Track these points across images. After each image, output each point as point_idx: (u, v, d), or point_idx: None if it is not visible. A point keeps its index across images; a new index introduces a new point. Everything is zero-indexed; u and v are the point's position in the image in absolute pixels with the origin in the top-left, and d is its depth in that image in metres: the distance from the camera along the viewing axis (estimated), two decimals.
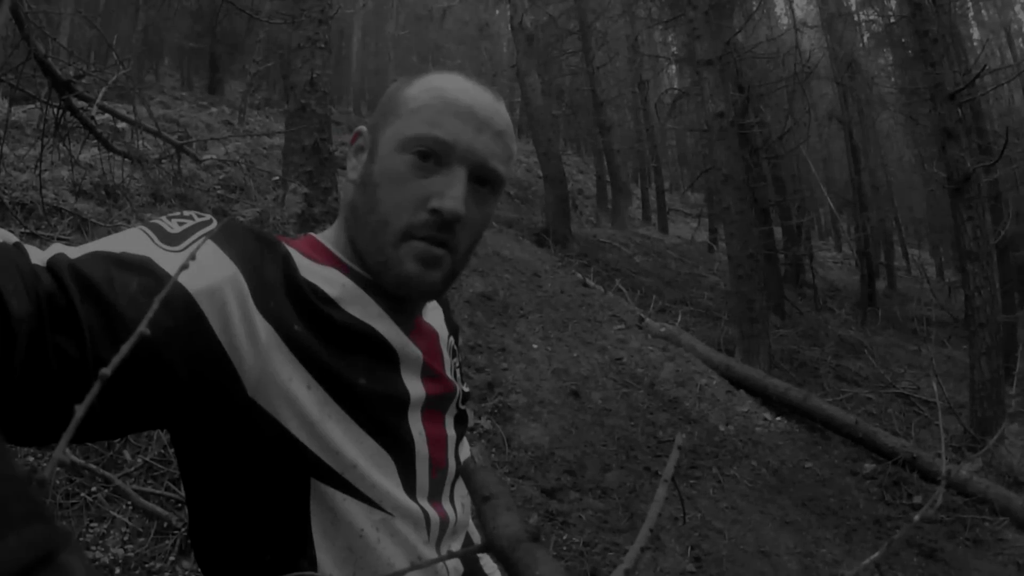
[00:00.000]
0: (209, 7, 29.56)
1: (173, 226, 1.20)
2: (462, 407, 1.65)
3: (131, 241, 1.13)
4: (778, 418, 9.67)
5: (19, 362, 0.89)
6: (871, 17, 29.75)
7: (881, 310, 21.33)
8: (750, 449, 8.74)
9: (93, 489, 4.95)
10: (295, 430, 1.22)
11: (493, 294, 11.60)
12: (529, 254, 15.32)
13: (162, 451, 5.46)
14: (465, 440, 1.68)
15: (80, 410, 0.57)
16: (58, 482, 4.84)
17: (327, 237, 1.50)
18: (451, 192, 1.35)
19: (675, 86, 32.12)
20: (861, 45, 30.34)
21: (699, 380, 10.17)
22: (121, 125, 9.20)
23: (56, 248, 1.05)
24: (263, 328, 1.20)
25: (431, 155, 1.36)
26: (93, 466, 4.99)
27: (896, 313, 21.04)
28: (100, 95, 5.88)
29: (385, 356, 1.40)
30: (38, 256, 1.00)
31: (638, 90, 30.99)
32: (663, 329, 11.72)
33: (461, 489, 1.57)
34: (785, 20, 34.16)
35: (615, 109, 33.07)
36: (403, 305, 1.47)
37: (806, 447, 9.09)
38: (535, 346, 10.37)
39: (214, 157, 12.81)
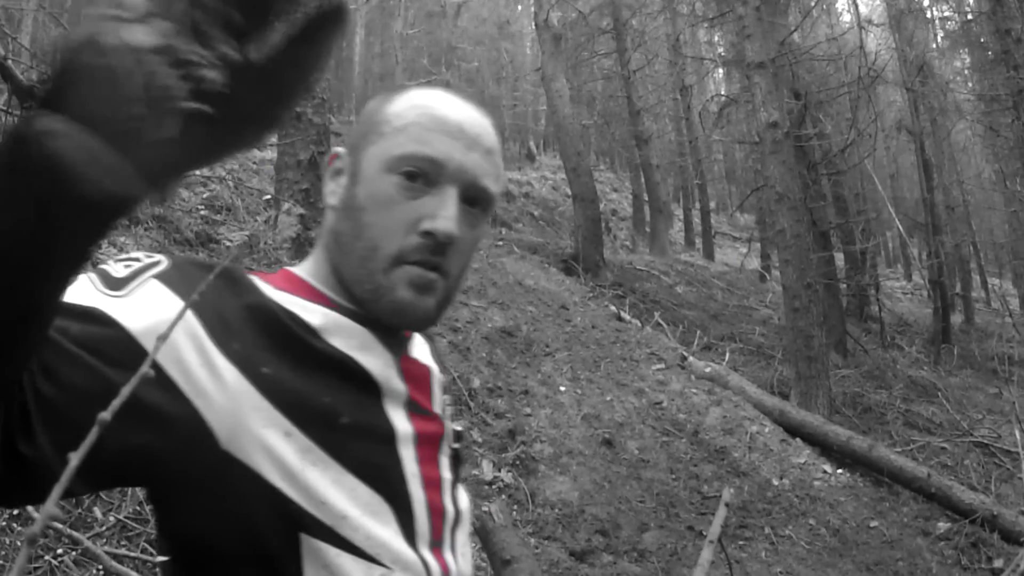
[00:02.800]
0: None
1: (119, 270, 1.25)
2: (455, 446, 1.67)
3: (75, 289, 1.16)
4: (839, 471, 9.65)
5: None
6: (945, 14, 29.74)
7: (957, 347, 21.11)
8: (808, 506, 8.72)
9: (59, 551, 4.91)
10: (277, 482, 1.25)
11: (515, 329, 11.62)
12: (556, 284, 15.35)
13: (137, 508, 5.44)
14: (462, 486, 1.69)
15: (75, 459, 0.61)
16: (18, 543, 4.83)
17: (305, 270, 1.53)
18: (444, 213, 1.39)
19: (722, 92, 32.19)
20: (934, 46, 30.30)
21: (749, 427, 10.16)
22: None
23: None
24: (228, 371, 1.23)
25: (420, 175, 1.40)
26: (59, 525, 4.97)
27: (974, 351, 20.91)
28: None
29: (367, 389, 1.42)
30: None
31: (680, 97, 30.95)
32: (708, 369, 11.72)
33: (462, 537, 1.58)
34: (848, 17, 34.01)
35: (654, 118, 32.95)
36: (392, 338, 1.50)
37: (871, 504, 9.06)
38: (563, 388, 10.38)
39: (196, 173, 12.85)
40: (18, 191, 0.84)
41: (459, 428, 1.72)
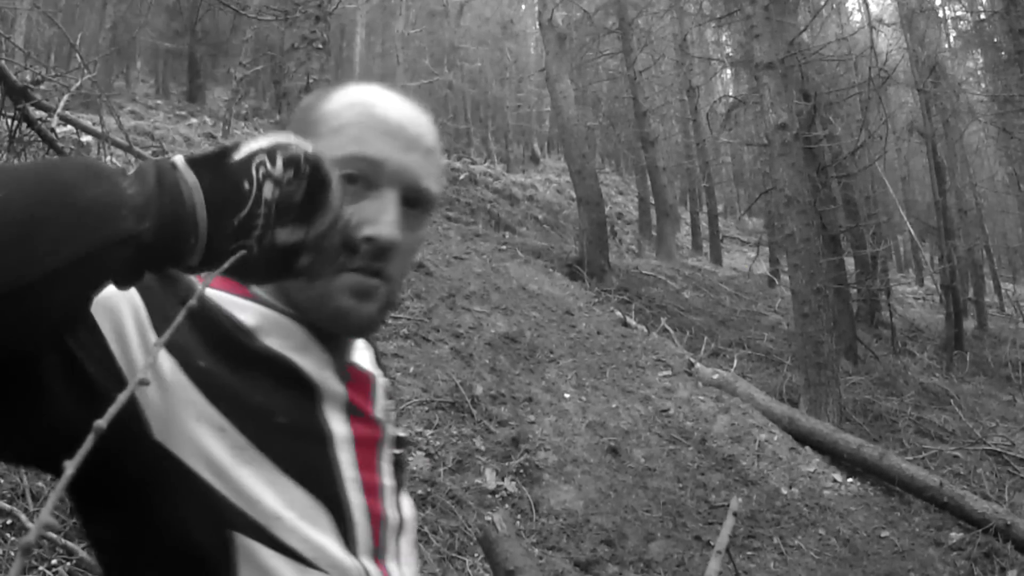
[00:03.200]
0: (188, 1, 29.72)
1: None
2: (397, 452, 1.67)
3: None
4: (850, 479, 9.64)
5: None
6: (958, 13, 29.78)
7: (970, 354, 21.09)
8: (817, 516, 8.72)
9: (54, 562, 4.93)
10: (208, 477, 1.24)
11: (518, 335, 11.63)
12: (560, 289, 15.35)
13: None
14: (405, 493, 1.69)
15: (71, 467, 0.61)
16: (11, 552, 4.82)
17: None
18: (385, 218, 1.38)
19: (730, 93, 32.19)
20: (946, 46, 30.30)
21: (758, 435, 10.16)
22: (86, 138, 9.17)
23: None
24: (165, 361, 1.23)
25: (359, 178, 1.38)
26: (54, 535, 4.97)
27: (987, 357, 20.90)
28: (61, 104, 5.83)
29: (303, 390, 1.42)
30: None
31: (687, 98, 31.02)
32: (716, 376, 11.72)
33: (406, 546, 1.58)
34: (858, 17, 34.11)
35: (660, 120, 33.05)
36: (331, 340, 1.49)
37: (882, 513, 9.06)
38: (567, 396, 10.38)
39: None
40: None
41: (402, 434, 1.72)
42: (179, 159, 1.06)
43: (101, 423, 0.63)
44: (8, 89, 5.48)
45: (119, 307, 1.20)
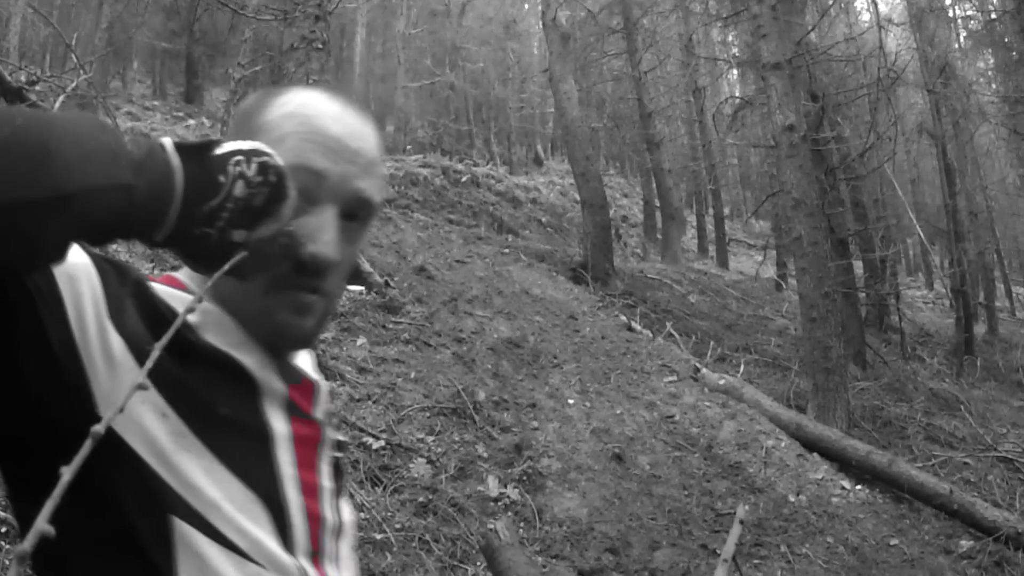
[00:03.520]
0: (186, 1, 29.70)
1: None
2: (337, 456, 1.67)
3: None
4: (858, 487, 9.63)
5: None
6: (968, 13, 29.76)
7: (980, 359, 21.05)
8: (825, 523, 8.71)
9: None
10: (148, 459, 1.24)
11: (522, 340, 11.64)
12: (564, 293, 15.37)
13: None
14: (345, 498, 1.69)
15: (67, 474, 0.61)
16: (6, 561, 4.82)
17: (191, 276, 1.51)
18: (324, 236, 1.40)
19: (736, 94, 32.16)
20: (956, 46, 30.28)
21: (765, 441, 10.15)
22: None
23: None
24: (116, 342, 1.25)
25: (300, 191, 1.35)
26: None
27: (998, 362, 20.89)
28: (57, 105, 5.85)
29: (244, 386, 1.43)
30: None
31: (693, 99, 30.97)
32: (723, 381, 11.72)
33: (345, 550, 1.58)
34: (867, 16, 33.95)
35: (666, 121, 33.06)
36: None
37: (891, 521, 9.04)
38: (571, 401, 10.39)
39: None
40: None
41: (342, 438, 1.73)
42: (167, 141, 1.14)
43: (99, 428, 0.63)
44: (3, 90, 5.48)
45: (79, 279, 1.23)
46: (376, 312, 11.09)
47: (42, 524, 0.59)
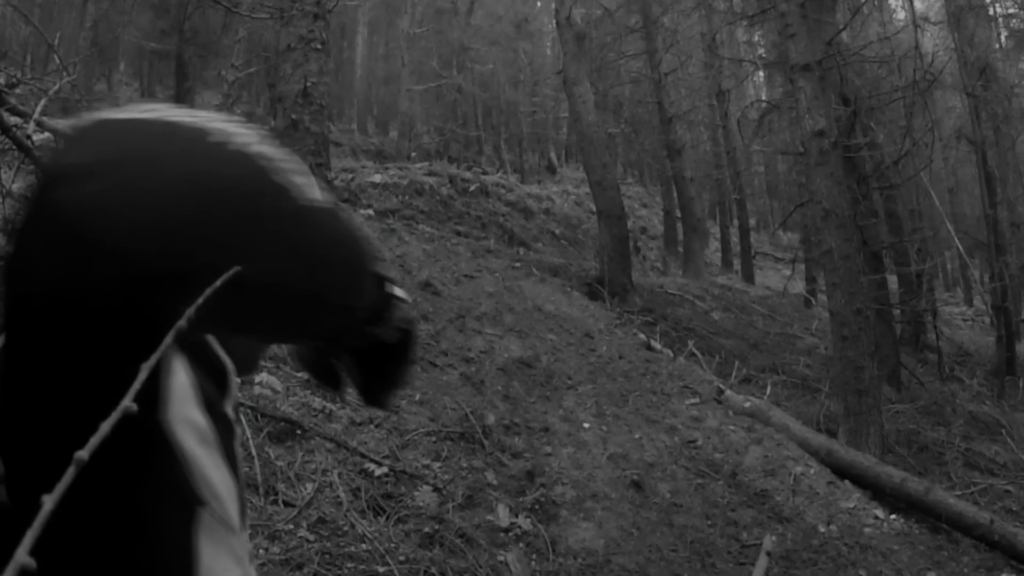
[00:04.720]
0: None
1: None
2: None
3: None
4: (893, 516, 9.61)
5: None
6: (1010, 11, 29.69)
7: (1023, 380, 21.07)
8: (857, 555, 8.69)
9: None
10: (191, 449, 1.26)
11: (534, 360, 11.64)
12: (579, 309, 15.36)
13: None
14: None
15: (48, 502, 0.63)
16: None
17: None
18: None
19: (763, 98, 32.15)
20: (997, 46, 30.16)
21: (793, 468, 10.14)
22: None
23: None
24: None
25: None
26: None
27: None
28: (38, 109, 5.81)
29: (219, 382, 1.45)
30: None
31: (716, 103, 31.04)
32: (748, 404, 11.71)
33: None
34: (902, 15, 33.99)
35: (687, 126, 33.00)
36: None
37: (928, 553, 9.03)
38: (586, 425, 10.38)
39: None
40: None
41: None
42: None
43: (82, 454, 0.65)
44: None
45: None
46: None
47: (23, 556, 0.61)
